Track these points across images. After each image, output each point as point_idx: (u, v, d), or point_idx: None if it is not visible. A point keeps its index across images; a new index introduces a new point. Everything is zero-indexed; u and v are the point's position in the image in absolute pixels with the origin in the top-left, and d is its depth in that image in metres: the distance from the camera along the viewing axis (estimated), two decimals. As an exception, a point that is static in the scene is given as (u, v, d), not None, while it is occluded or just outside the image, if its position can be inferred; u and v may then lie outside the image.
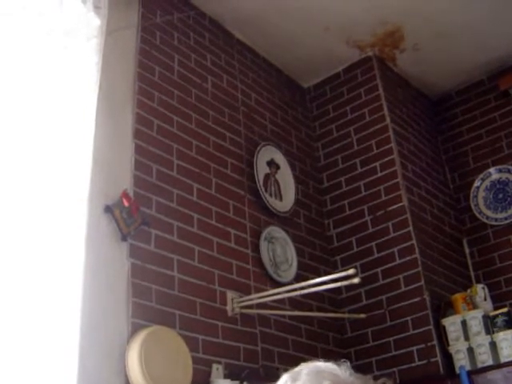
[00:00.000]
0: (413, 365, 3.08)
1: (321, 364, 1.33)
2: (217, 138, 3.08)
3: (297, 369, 1.35)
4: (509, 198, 3.74)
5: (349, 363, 1.32)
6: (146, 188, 2.59)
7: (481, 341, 3.00)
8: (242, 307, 2.76)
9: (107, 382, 2.16)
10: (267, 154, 3.30)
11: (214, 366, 2.53)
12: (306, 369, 1.34)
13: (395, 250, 3.31)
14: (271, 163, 3.31)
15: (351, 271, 2.46)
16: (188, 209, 2.75)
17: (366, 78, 3.74)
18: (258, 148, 3.24)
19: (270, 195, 3.22)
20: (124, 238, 2.40)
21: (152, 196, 2.61)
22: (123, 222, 2.40)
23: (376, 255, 3.36)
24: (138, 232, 2.46)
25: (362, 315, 3.14)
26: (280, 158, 3.38)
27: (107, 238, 2.36)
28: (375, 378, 1.31)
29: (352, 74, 3.81)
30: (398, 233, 3.33)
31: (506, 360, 2.90)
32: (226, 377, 2.52)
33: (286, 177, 3.36)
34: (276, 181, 3.30)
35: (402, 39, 3.67)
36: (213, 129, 3.08)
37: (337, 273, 2.72)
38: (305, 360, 3.09)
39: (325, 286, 2.69)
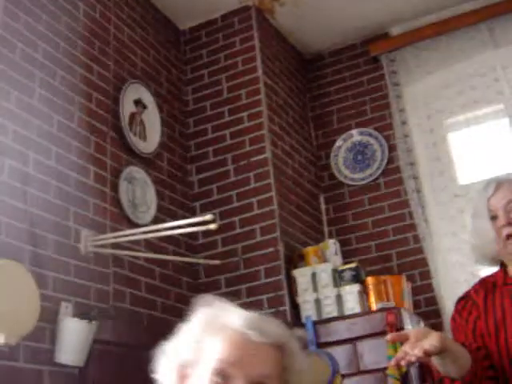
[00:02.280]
0: (262, 312, 3.14)
1: (220, 314, 1.29)
2: (84, 70, 2.94)
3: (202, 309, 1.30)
4: (367, 160, 3.88)
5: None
6: (3, 115, 2.44)
7: (328, 293, 3.12)
8: (96, 246, 2.70)
9: None
10: (135, 92, 3.21)
11: (63, 304, 2.47)
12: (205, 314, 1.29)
13: (254, 200, 3.36)
14: (138, 102, 3.22)
15: (208, 217, 2.46)
16: (47, 140, 2.62)
17: (243, 27, 3.72)
18: (126, 85, 3.14)
19: (134, 135, 3.14)
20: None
21: (9, 124, 2.46)
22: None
23: (235, 204, 3.40)
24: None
25: (217, 261, 3.17)
26: (148, 98, 3.29)
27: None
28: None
29: (229, 22, 3.76)
30: (259, 184, 3.37)
31: (350, 312, 3.05)
32: (74, 315, 2.47)
33: (152, 118, 3.29)
34: (141, 121, 3.22)
35: (282, -8, 3.67)
36: (80, 60, 2.94)
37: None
38: (156, 303, 3.09)
39: (181, 230, 2.69)
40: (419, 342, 1.61)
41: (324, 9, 3.81)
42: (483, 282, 2.08)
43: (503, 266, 2.06)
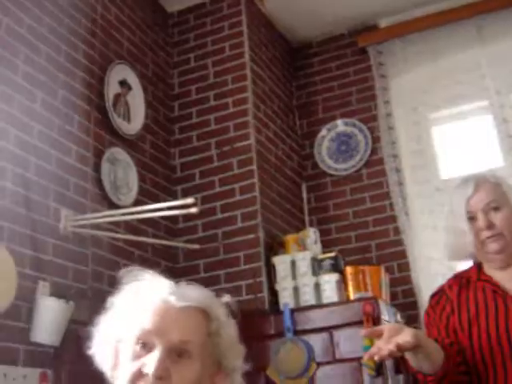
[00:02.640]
0: (240, 298, 3.16)
1: (147, 286, 1.30)
2: (69, 48, 2.91)
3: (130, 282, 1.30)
4: (350, 151, 3.89)
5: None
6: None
7: (306, 281, 3.13)
8: (76, 226, 2.68)
9: None
10: (120, 72, 3.18)
11: (41, 283, 2.45)
12: (132, 288, 1.29)
13: (236, 186, 3.35)
14: (123, 83, 3.19)
15: (190, 200, 2.45)
16: (29, 117, 2.59)
17: (232, 12, 3.69)
18: (112, 65, 3.11)
19: (118, 116, 3.11)
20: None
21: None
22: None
23: (217, 189, 3.39)
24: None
25: (196, 246, 3.16)
26: (133, 80, 3.26)
27: None
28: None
29: (218, 6, 3.74)
30: (242, 170, 3.37)
31: (328, 301, 3.06)
32: (51, 295, 2.46)
33: (136, 99, 3.26)
34: (126, 102, 3.20)
35: (272, -21, 3.66)
36: (66, 37, 2.90)
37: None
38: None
39: (162, 213, 2.68)
40: (393, 337, 1.63)
41: (312, -2, 3.80)
42: (457, 277, 2.09)
43: (477, 262, 2.07)
